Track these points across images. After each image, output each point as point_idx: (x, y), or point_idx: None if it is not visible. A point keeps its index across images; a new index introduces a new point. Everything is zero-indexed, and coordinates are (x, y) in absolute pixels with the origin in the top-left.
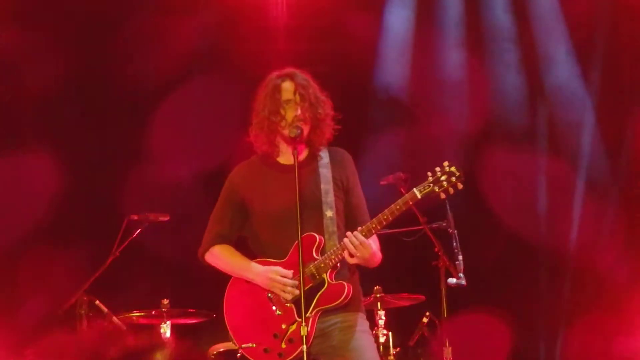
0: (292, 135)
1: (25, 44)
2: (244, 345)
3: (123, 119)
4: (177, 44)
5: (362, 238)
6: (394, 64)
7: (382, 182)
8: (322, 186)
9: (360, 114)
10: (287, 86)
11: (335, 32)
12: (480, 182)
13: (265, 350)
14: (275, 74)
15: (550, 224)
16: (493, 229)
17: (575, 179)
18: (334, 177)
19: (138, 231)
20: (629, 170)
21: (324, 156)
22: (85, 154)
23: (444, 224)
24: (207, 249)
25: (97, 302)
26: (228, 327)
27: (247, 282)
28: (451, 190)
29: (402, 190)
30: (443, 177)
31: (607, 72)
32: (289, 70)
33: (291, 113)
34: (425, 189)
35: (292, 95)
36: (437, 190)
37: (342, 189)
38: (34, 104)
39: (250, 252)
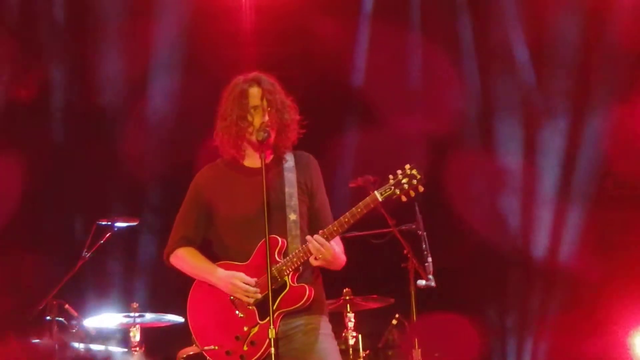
0: (260, 139)
1: None
2: (206, 348)
3: (91, 123)
4: (145, 46)
5: (323, 240)
6: (362, 66)
7: (351, 185)
8: (287, 190)
9: (330, 116)
10: (254, 92)
11: (303, 35)
12: (449, 184)
13: (227, 353)
14: (241, 78)
15: (519, 225)
16: (463, 230)
17: (545, 180)
18: (298, 181)
19: (107, 235)
20: (599, 172)
21: (289, 160)
22: (54, 158)
23: (413, 226)
24: (171, 251)
25: (67, 306)
26: (191, 329)
27: (211, 284)
28: (412, 193)
29: (371, 193)
30: (404, 180)
31: (574, 74)
32: (255, 74)
33: (258, 119)
34: (386, 192)
35: (259, 101)
36: (398, 192)
37: (307, 193)
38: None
39: (214, 255)
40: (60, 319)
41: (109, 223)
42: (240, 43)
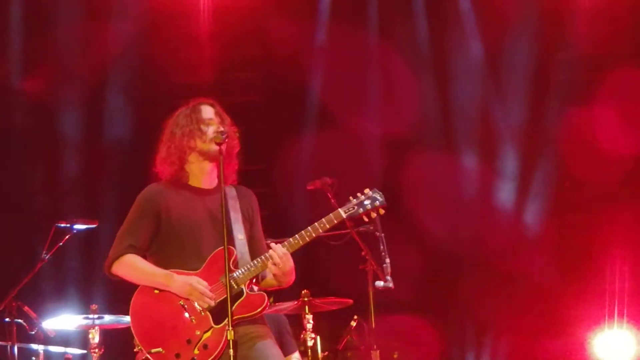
0: (218, 140)
1: None
2: (153, 350)
3: (48, 124)
4: (100, 49)
5: (284, 250)
6: (319, 68)
7: (309, 187)
8: (232, 214)
9: (287, 118)
10: (207, 109)
11: (260, 38)
12: (407, 186)
13: (176, 355)
14: (190, 102)
15: (476, 226)
16: (420, 232)
17: (502, 182)
18: (242, 209)
19: (66, 237)
20: (557, 173)
21: (231, 191)
22: (10, 159)
23: (371, 228)
24: (116, 258)
25: (26, 308)
26: (134, 332)
27: (157, 289)
28: (373, 215)
29: (329, 195)
30: (367, 202)
31: (529, 76)
32: (202, 99)
33: (213, 128)
34: (349, 210)
35: (213, 116)
36: (360, 212)
37: (248, 220)
38: None
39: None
40: (19, 320)
41: (68, 225)
42: (198, 46)
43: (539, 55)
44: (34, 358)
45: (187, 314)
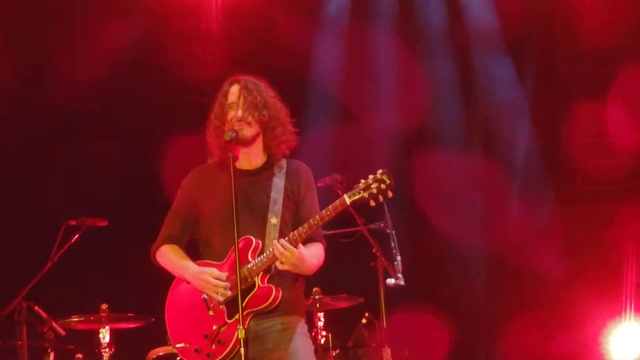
0: (227, 138)
1: None
2: (178, 345)
3: (57, 123)
4: (108, 46)
5: (288, 245)
6: (329, 63)
7: (318, 184)
8: (272, 195)
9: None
10: (234, 89)
11: (269, 33)
12: (416, 182)
13: (196, 351)
14: (228, 79)
15: (486, 222)
16: (431, 228)
17: (511, 177)
18: (285, 187)
19: (76, 236)
20: (565, 168)
21: (282, 166)
22: (20, 158)
23: (382, 225)
24: (157, 249)
25: (36, 307)
26: (166, 325)
27: (188, 282)
28: (380, 198)
29: (339, 192)
30: (374, 185)
31: (541, 71)
32: (240, 75)
33: (233, 115)
34: (354, 196)
35: (236, 98)
36: (366, 196)
37: (293, 200)
38: None
39: (200, 255)
40: (30, 320)
41: (78, 224)
42: (206, 41)
43: (548, 49)
44: (44, 358)
45: (207, 308)
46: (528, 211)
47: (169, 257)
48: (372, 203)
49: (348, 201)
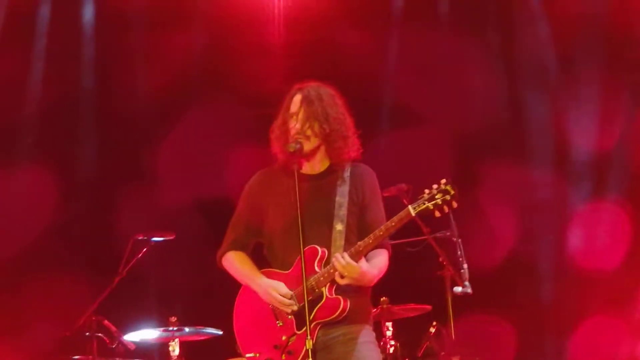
0: (291, 150)
1: (23, 63)
2: (248, 355)
3: (124, 139)
4: (173, 61)
5: (348, 259)
6: (392, 73)
7: (384, 194)
8: (337, 199)
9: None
10: (296, 99)
11: (331, 46)
12: (483, 190)
13: None
14: (295, 86)
15: (550, 228)
16: (497, 235)
17: (576, 181)
18: (350, 192)
19: (144, 250)
20: (631, 172)
21: (346, 170)
22: (89, 174)
23: (448, 233)
24: (223, 254)
25: (106, 322)
26: (235, 333)
27: (255, 291)
28: (445, 209)
29: (405, 202)
30: (438, 195)
31: (605, 74)
32: (307, 83)
33: (292, 126)
34: (419, 207)
35: (297, 109)
36: (431, 207)
37: (358, 205)
38: (34, 124)
39: (265, 259)
40: (99, 334)
41: (146, 237)
42: (269, 55)
43: (609, 56)
44: None
45: (275, 318)
46: (594, 215)
47: (236, 265)
48: (437, 214)
49: (413, 212)
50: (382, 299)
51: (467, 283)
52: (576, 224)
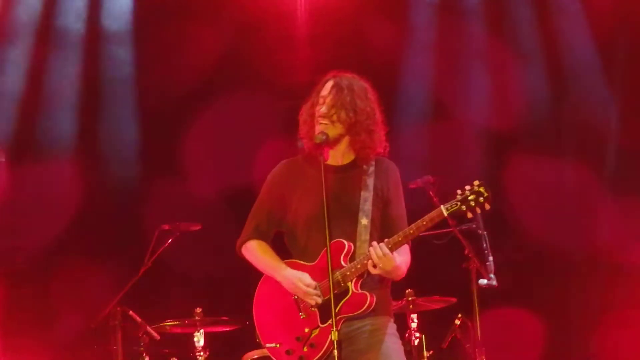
0: (317, 141)
1: (47, 53)
2: (268, 345)
3: (151, 130)
4: (200, 53)
5: (386, 250)
6: (418, 66)
7: (411, 186)
8: (362, 193)
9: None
10: (328, 85)
11: (358, 37)
12: (509, 182)
13: (287, 352)
14: (329, 74)
15: (579, 222)
16: (523, 228)
17: (603, 176)
18: (375, 186)
19: (169, 241)
20: None
21: (370, 165)
22: (114, 165)
23: (474, 226)
24: (243, 242)
25: (131, 312)
26: (255, 323)
27: (277, 282)
28: (478, 210)
29: (431, 193)
30: (471, 197)
31: (633, 70)
32: (341, 72)
33: (320, 108)
34: (452, 207)
35: (326, 94)
36: (464, 209)
37: (382, 199)
38: (61, 115)
39: (286, 249)
40: (125, 325)
41: (171, 228)
42: (294, 48)
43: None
44: None
45: (298, 310)
46: (621, 211)
47: (258, 255)
48: (470, 215)
49: (445, 213)
50: (407, 291)
51: (492, 275)
52: (605, 218)
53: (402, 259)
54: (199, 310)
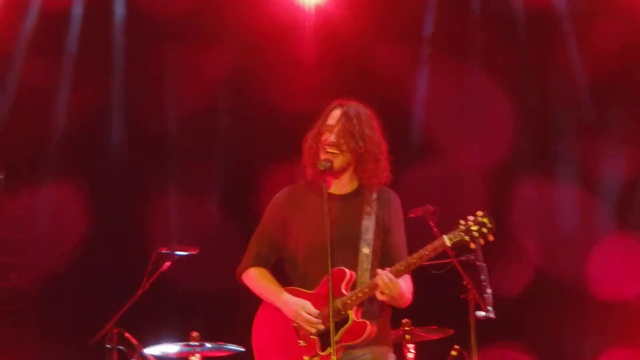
0: (322, 168)
1: (52, 76)
2: None
3: (150, 152)
4: (203, 75)
5: (391, 276)
6: (422, 94)
7: (410, 215)
8: (364, 222)
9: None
10: (335, 113)
11: (363, 62)
12: (506, 214)
13: None
14: (335, 102)
15: (576, 256)
16: (521, 261)
17: (600, 209)
18: (377, 215)
19: (167, 264)
20: None
21: (373, 194)
22: (113, 187)
23: (472, 257)
24: (244, 270)
25: (127, 334)
26: (253, 349)
27: (277, 308)
28: (481, 241)
29: (431, 223)
30: (474, 227)
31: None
32: (346, 100)
33: (326, 138)
34: (455, 237)
35: (334, 122)
36: (467, 239)
37: (383, 228)
38: (62, 137)
39: (286, 276)
40: (120, 347)
41: (169, 251)
42: (300, 69)
43: None
44: None
45: (298, 337)
46: (618, 243)
47: (259, 282)
48: (472, 246)
49: (448, 243)
50: (404, 321)
51: (490, 308)
52: (600, 252)
53: (405, 286)
54: (195, 334)
